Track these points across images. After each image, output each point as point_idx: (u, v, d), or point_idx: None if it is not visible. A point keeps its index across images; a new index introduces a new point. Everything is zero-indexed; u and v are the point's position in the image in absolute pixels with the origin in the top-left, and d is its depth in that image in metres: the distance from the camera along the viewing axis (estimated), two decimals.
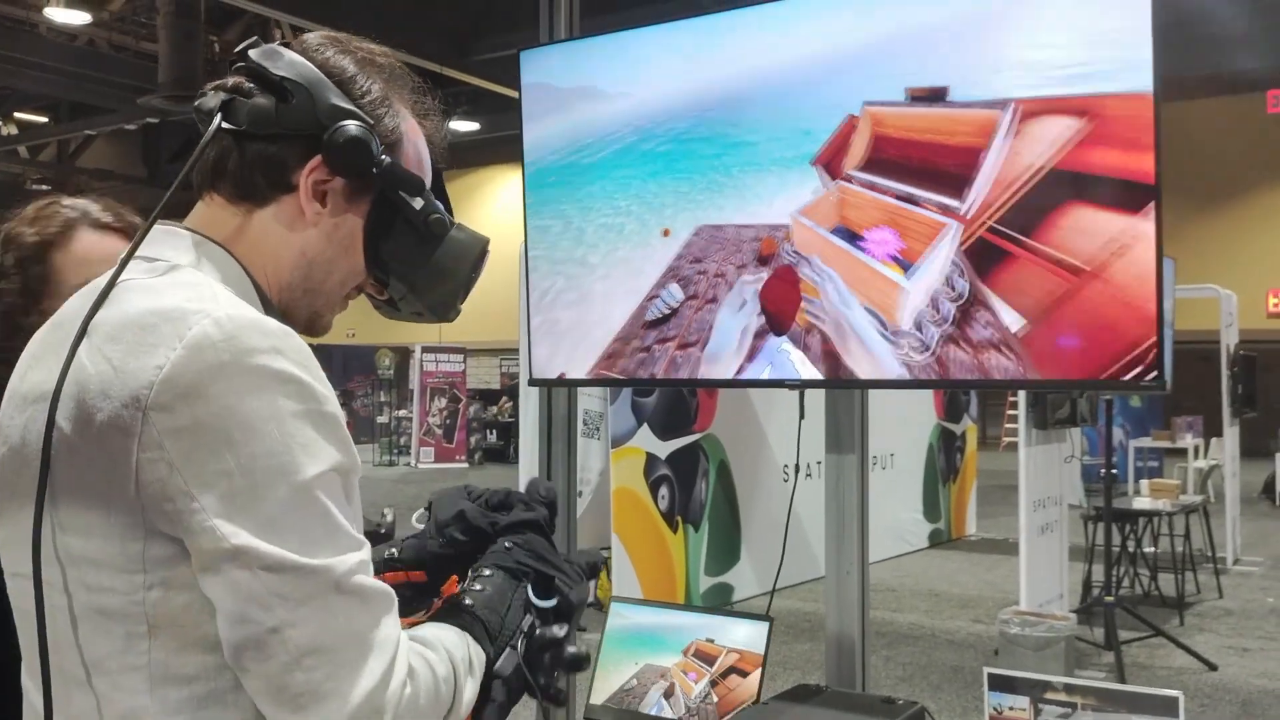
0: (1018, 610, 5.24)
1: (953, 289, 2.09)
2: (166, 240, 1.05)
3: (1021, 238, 2.03)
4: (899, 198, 2.16)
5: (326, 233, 1.08)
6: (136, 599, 0.93)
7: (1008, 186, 2.03)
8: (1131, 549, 6.89)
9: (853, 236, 2.21)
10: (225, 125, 1.04)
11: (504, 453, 18.22)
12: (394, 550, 1.24)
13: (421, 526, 1.26)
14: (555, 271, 2.58)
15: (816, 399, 2.33)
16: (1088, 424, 6.62)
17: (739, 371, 2.32)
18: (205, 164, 1.07)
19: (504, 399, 19.25)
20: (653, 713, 2.05)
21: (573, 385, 2.79)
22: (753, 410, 7.63)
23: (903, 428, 8.91)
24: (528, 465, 7.39)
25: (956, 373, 2.09)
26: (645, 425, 6.79)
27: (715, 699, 2.02)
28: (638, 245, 2.46)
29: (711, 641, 2.09)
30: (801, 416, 2.30)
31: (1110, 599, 5.82)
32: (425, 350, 18.26)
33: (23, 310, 1.52)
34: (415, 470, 17.25)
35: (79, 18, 14.02)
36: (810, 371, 2.22)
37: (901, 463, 8.96)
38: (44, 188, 24.50)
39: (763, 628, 2.10)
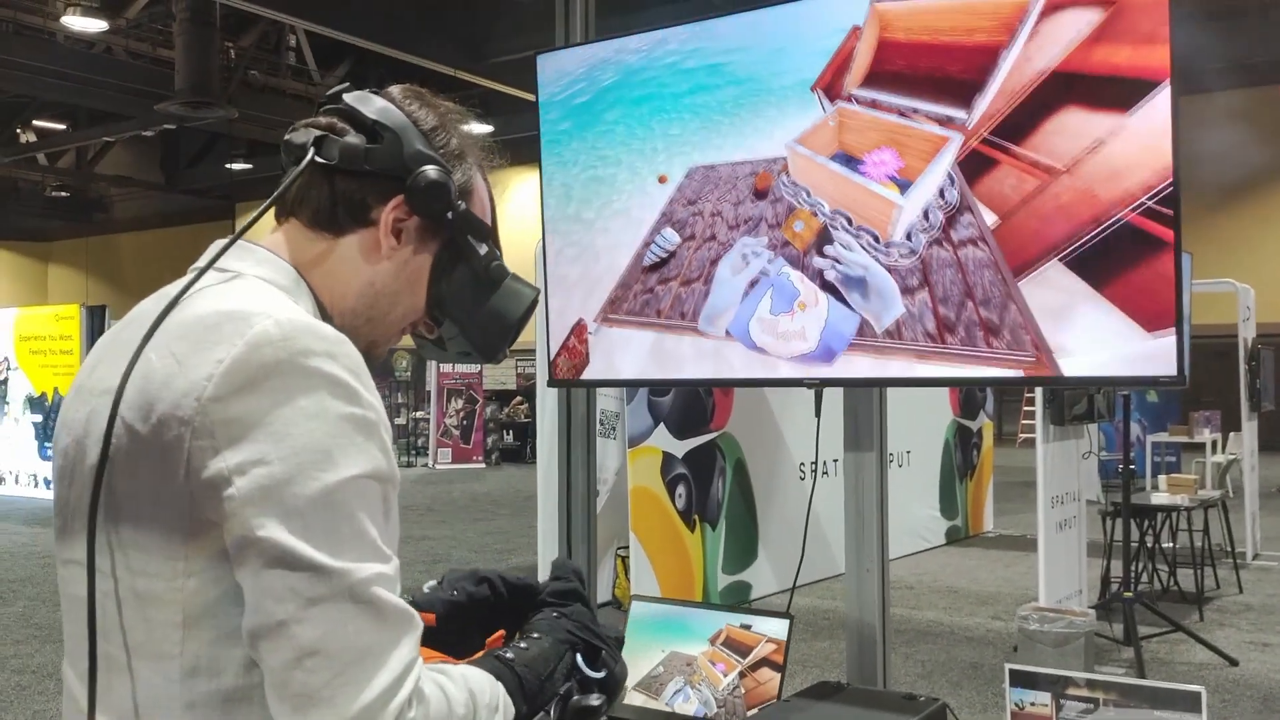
0: (1036, 606, 5.23)
1: (943, 198, 2.09)
2: (241, 255, 1.10)
3: (1011, 145, 2.00)
4: (901, 114, 2.09)
5: (397, 267, 1.15)
6: (176, 586, 0.96)
7: (1010, 95, 1.98)
8: (1150, 544, 6.87)
9: (851, 161, 2.15)
10: (318, 159, 1.11)
11: (520, 453, 18.27)
12: (409, 595, 1.25)
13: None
14: (554, 230, 2.56)
15: (833, 397, 2.34)
16: (1105, 419, 6.59)
17: (743, 298, 2.30)
18: (290, 192, 1.13)
19: (519, 399, 19.29)
20: (679, 702, 2.05)
21: (591, 385, 2.81)
22: (769, 408, 7.63)
23: (919, 424, 8.90)
24: (545, 465, 7.42)
25: (938, 271, 2.08)
26: (662, 424, 6.80)
27: (743, 690, 2.00)
28: (633, 194, 2.42)
29: (748, 629, 2.05)
30: (817, 415, 2.30)
31: (1129, 594, 5.81)
32: None
33: None
34: (433, 471, 17.30)
35: (96, 25, 14.12)
36: (809, 290, 2.20)
37: (918, 460, 8.95)
38: (64, 194, 24.68)
39: (783, 625, 2.11)
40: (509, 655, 1.11)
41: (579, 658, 1.17)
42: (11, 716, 5.18)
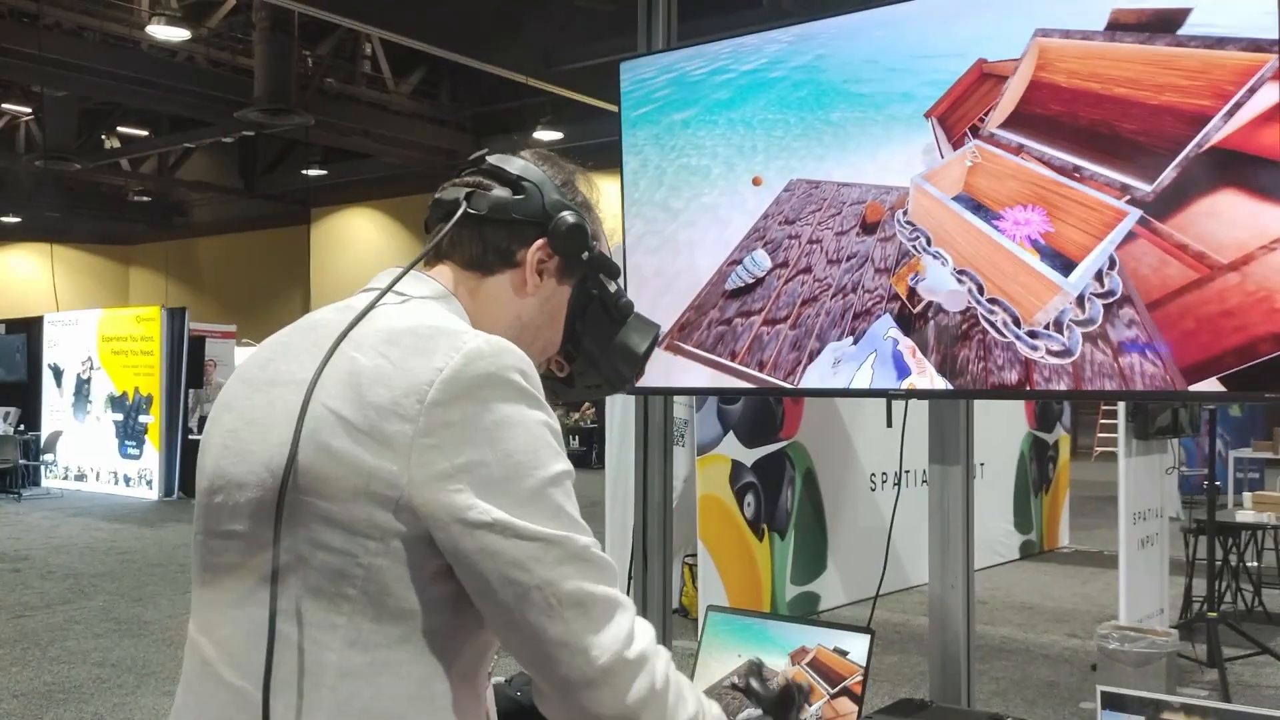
0: (1117, 625, 5.11)
1: (1101, 283, 1.83)
2: (416, 282, 1.24)
3: (1174, 230, 1.74)
4: (1056, 169, 1.81)
5: (540, 302, 1.29)
6: (361, 562, 1.05)
7: (1190, 170, 1.72)
8: (1234, 563, 6.67)
9: (981, 210, 1.90)
10: (470, 211, 1.26)
11: (587, 458, 18.30)
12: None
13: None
14: (637, 214, 2.41)
15: (908, 406, 2.26)
16: (1187, 434, 6.42)
17: (837, 360, 2.12)
18: (444, 240, 1.27)
19: (586, 405, 19.34)
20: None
21: (670, 394, 2.80)
22: (839, 418, 7.55)
23: (994, 437, 8.74)
24: (614, 472, 7.41)
25: (1094, 379, 1.85)
26: (731, 432, 6.76)
27: (821, 716, 1.93)
28: (724, 192, 2.24)
29: (843, 654, 1.96)
30: (889, 425, 2.23)
31: (1214, 614, 5.64)
32: None
33: None
34: None
35: (179, 34, 14.47)
36: (921, 365, 1.99)
37: (992, 472, 8.79)
38: (145, 199, 25.32)
39: (863, 640, 2.07)
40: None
41: None
42: (93, 709, 5.30)
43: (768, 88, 2.21)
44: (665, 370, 2.42)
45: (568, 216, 1.27)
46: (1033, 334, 1.91)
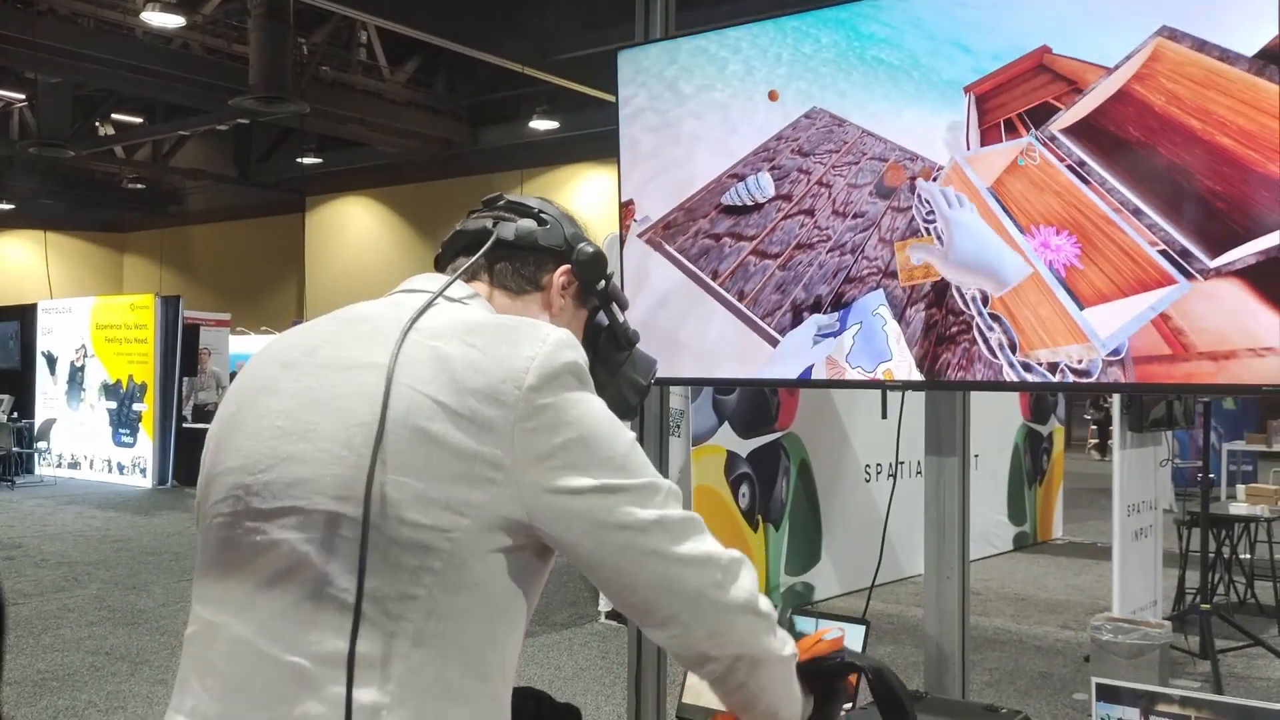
0: (1110, 617, 5.12)
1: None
2: (461, 290, 1.32)
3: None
4: (1115, 206, 1.62)
5: (564, 323, 1.38)
6: (452, 536, 1.11)
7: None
8: (1227, 555, 6.69)
9: (1008, 215, 1.75)
10: (501, 238, 1.36)
11: None
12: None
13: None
14: (641, 84, 2.23)
15: (899, 398, 2.25)
16: (1182, 427, 6.43)
17: (819, 331, 2.04)
18: (475, 263, 1.36)
19: None
20: None
21: (664, 384, 2.79)
22: (834, 409, 7.56)
23: (988, 428, 8.75)
24: None
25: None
26: (726, 423, 6.76)
27: None
28: (738, 93, 2.08)
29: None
30: (884, 416, 2.22)
31: (1206, 606, 5.66)
32: None
33: None
34: None
35: (173, 21, 14.39)
36: (902, 354, 1.93)
37: (986, 464, 8.79)
38: (140, 186, 25.23)
39: (858, 633, 2.07)
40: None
41: None
42: (86, 696, 5.30)
43: (805, 16, 2.03)
44: (640, 261, 2.21)
45: (588, 246, 1.39)
46: (1026, 365, 1.83)
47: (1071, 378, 1.83)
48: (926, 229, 1.92)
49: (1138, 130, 1.60)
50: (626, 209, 2.29)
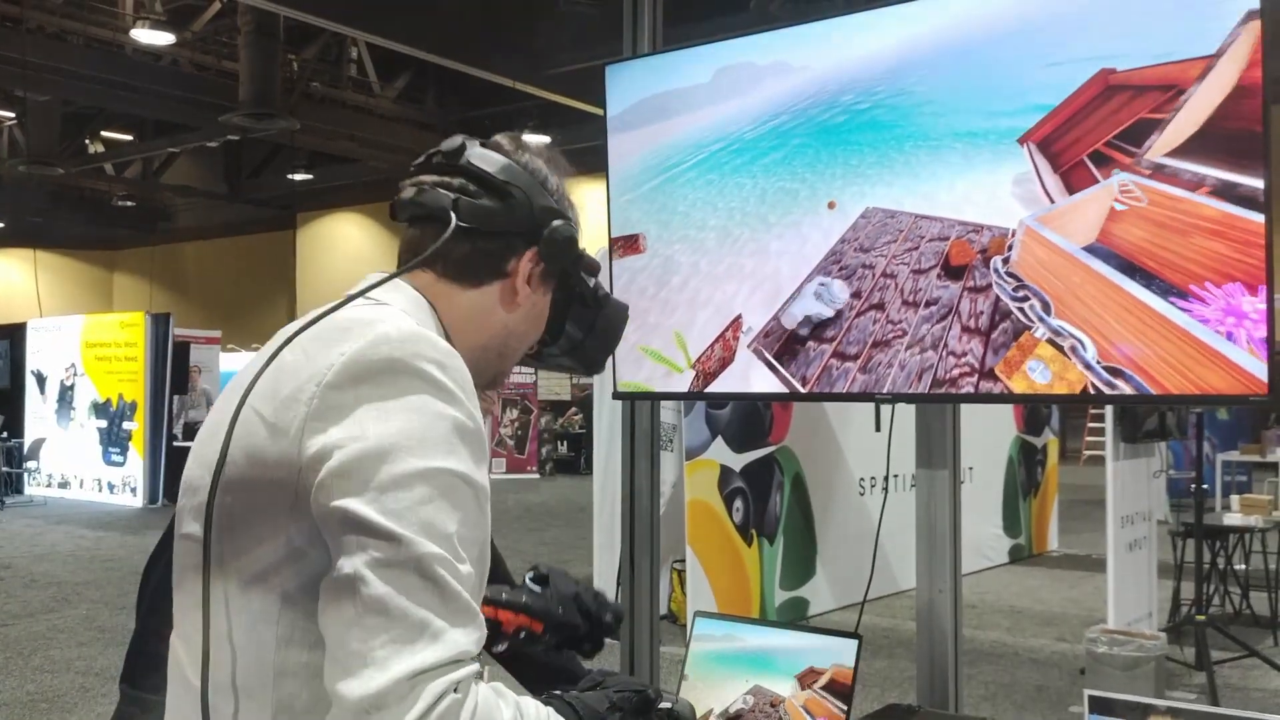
0: (1105, 629, 5.10)
1: None
2: (393, 290, 1.19)
3: None
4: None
5: (527, 311, 1.27)
6: (277, 562, 1.03)
7: None
8: (1222, 566, 6.68)
9: (1143, 274, 1.43)
10: (461, 225, 1.20)
11: (574, 464, 18.28)
12: (526, 598, 1.45)
13: (535, 587, 1.47)
14: (745, 224, 2.29)
15: (895, 410, 2.25)
16: (1175, 438, 6.43)
17: None
18: (434, 251, 1.20)
19: (573, 410, 19.31)
20: None
21: (655, 399, 2.78)
22: (828, 423, 7.54)
23: (982, 441, 8.74)
24: (601, 477, 7.39)
25: None
26: (719, 437, 6.75)
27: None
28: (807, 212, 2.16)
29: (846, 667, 1.91)
30: (877, 429, 2.22)
31: (1201, 618, 5.65)
32: None
33: None
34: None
35: (163, 38, 14.42)
36: None
37: (981, 476, 8.79)
38: (129, 203, 25.19)
39: (851, 647, 2.05)
40: (558, 693, 1.20)
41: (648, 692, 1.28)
42: (76, 718, 5.25)
43: (839, 123, 2.07)
44: (744, 370, 2.32)
45: (560, 227, 1.25)
46: None
47: None
48: (1023, 315, 1.64)
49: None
50: (735, 324, 2.37)
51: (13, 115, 18.56)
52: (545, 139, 15.85)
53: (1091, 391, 1.62)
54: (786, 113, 2.22)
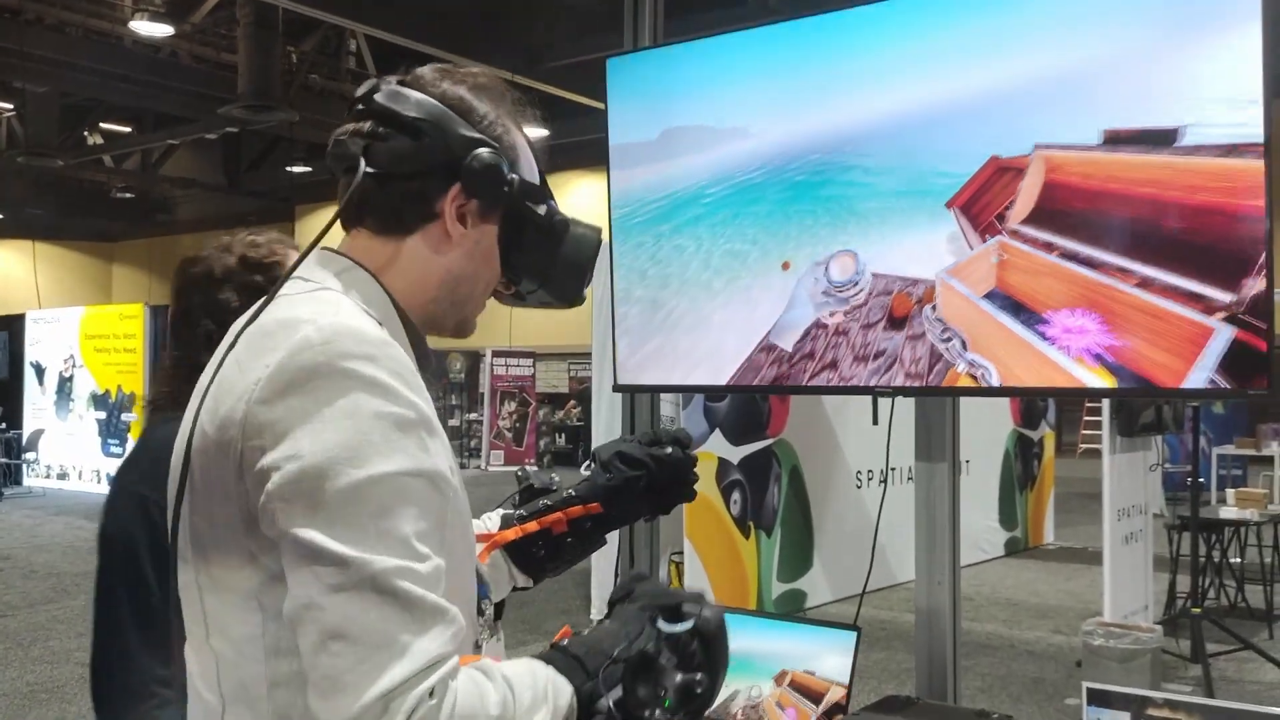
0: (1101, 621, 5.12)
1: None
2: (323, 264, 1.14)
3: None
4: (1104, 270, 1.70)
5: (468, 250, 1.17)
6: (247, 576, 1.02)
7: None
8: (1218, 559, 6.71)
9: (1023, 311, 1.79)
10: (369, 170, 1.12)
11: (573, 456, 18.30)
12: (571, 491, 1.46)
13: (588, 474, 1.48)
14: (683, 293, 2.42)
15: (890, 404, 2.26)
16: (1171, 431, 6.45)
17: None
18: (350, 204, 1.15)
19: (571, 403, 19.33)
20: None
21: (656, 391, 2.79)
22: (825, 416, 7.56)
23: (979, 434, 8.76)
24: None
25: None
26: (717, 430, 6.76)
27: None
28: (758, 275, 2.25)
29: (812, 674, 1.96)
30: (875, 422, 2.22)
31: (1197, 610, 5.67)
32: (495, 354, 18.40)
33: None
34: (485, 473, 17.39)
35: (162, 30, 14.38)
36: None
37: (978, 470, 8.81)
38: (128, 195, 25.16)
39: (849, 639, 2.06)
40: (564, 643, 1.09)
41: (660, 621, 1.11)
42: (76, 709, 5.27)
43: (796, 184, 2.19)
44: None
45: (481, 154, 1.13)
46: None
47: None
48: (947, 353, 1.94)
49: (1081, 203, 1.71)
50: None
51: (11, 107, 18.52)
52: (545, 132, 15.85)
53: None
54: (738, 175, 2.29)
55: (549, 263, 1.23)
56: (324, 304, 1.06)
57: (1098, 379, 1.73)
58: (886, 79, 2.03)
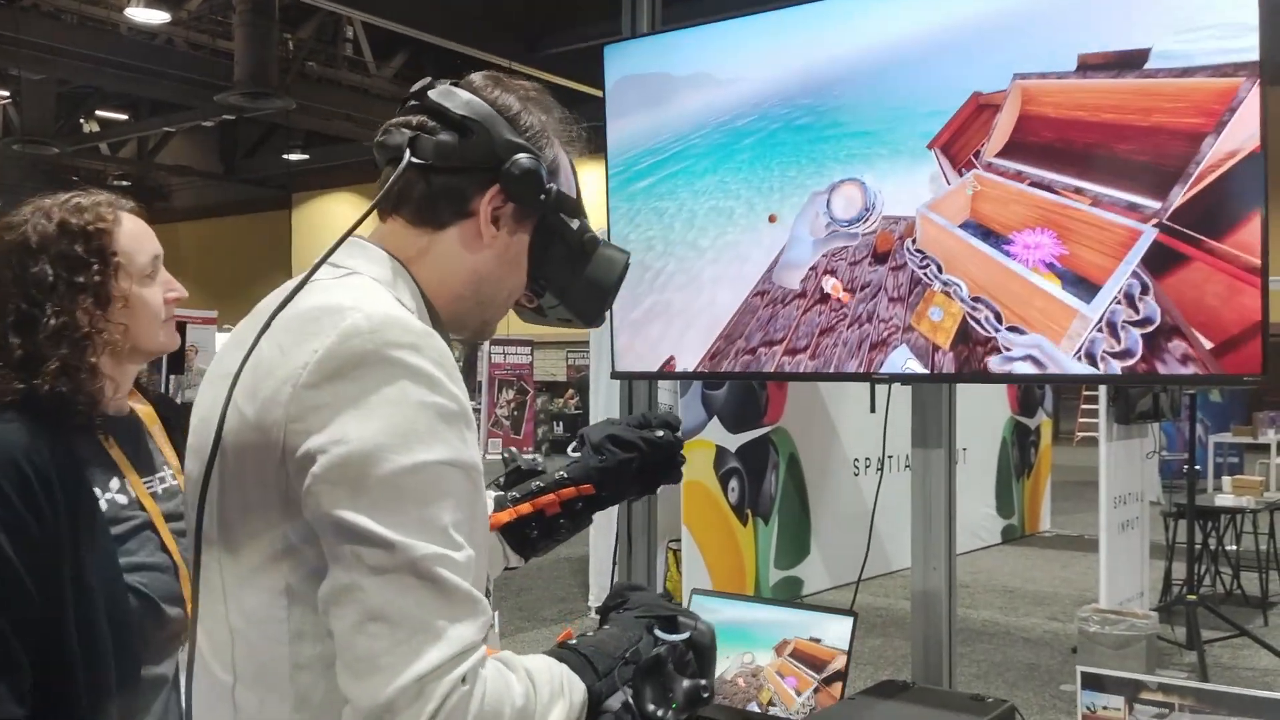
0: (1097, 608, 5.14)
1: (1135, 311, 1.85)
2: (354, 251, 1.16)
3: (1205, 238, 1.77)
4: (1062, 192, 1.86)
5: (499, 253, 1.20)
6: (277, 559, 1.04)
7: (1200, 177, 1.77)
8: (1214, 547, 6.73)
9: (991, 236, 1.95)
10: (414, 160, 1.15)
11: (570, 444, 18.31)
12: (563, 473, 1.48)
13: (577, 455, 1.51)
14: (669, 254, 2.49)
15: (890, 391, 2.27)
16: (1168, 419, 6.46)
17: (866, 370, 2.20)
18: (390, 192, 1.17)
19: (569, 391, 19.34)
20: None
21: (656, 378, 2.80)
22: (822, 403, 7.58)
23: (976, 422, 8.77)
24: None
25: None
26: (715, 418, 6.77)
27: (815, 705, 1.93)
28: (745, 230, 2.34)
29: (818, 642, 1.98)
30: (873, 410, 2.25)
31: (1192, 597, 5.70)
32: (493, 343, 18.40)
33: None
34: (484, 461, 17.40)
35: (158, 17, 14.35)
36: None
37: (974, 457, 8.83)
38: (125, 183, 25.12)
39: (846, 624, 2.08)
40: (572, 642, 1.15)
41: (656, 628, 1.18)
42: None
43: (780, 136, 2.29)
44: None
45: (522, 159, 1.15)
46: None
47: (1117, 366, 1.92)
48: (925, 276, 2.08)
49: (1049, 133, 1.87)
50: (668, 364, 2.49)
51: (7, 94, 18.47)
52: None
53: (968, 321, 2.05)
54: (721, 124, 2.37)
55: (574, 278, 1.25)
56: (361, 291, 1.09)
57: (1047, 283, 1.90)
58: (871, 14, 2.15)
